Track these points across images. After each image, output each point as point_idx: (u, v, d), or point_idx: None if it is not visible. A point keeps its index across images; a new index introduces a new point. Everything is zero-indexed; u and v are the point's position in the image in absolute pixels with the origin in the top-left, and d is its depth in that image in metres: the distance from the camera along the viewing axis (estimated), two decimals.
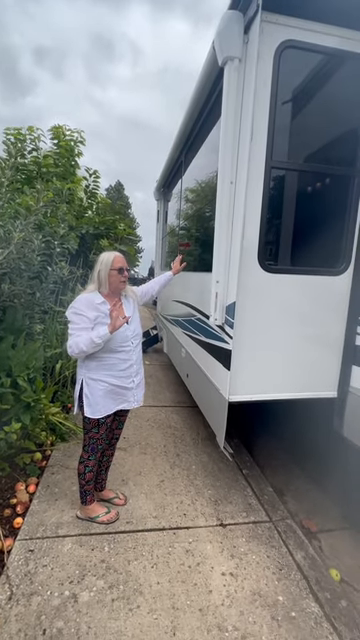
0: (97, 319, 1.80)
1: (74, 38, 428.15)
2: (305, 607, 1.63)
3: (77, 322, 1.78)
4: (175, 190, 4.68)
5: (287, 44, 1.87)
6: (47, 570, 1.70)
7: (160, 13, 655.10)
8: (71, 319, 1.80)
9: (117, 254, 1.91)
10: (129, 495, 2.30)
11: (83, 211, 5.20)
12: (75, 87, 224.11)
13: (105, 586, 1.65)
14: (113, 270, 1.86)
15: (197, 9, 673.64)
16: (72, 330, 1.79)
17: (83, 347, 1.72)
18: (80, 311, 1.79)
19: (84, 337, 1.73)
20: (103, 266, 1.87)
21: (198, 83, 2.52)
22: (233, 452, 2.69)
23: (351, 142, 2.06)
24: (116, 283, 1.88)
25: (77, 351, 1.74)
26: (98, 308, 1.82)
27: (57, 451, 2.75)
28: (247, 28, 1.86)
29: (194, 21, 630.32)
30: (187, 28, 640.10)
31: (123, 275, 1.88)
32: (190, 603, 1.60)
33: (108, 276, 1.86)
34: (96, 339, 1.71)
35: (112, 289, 1.91)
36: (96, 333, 1.72)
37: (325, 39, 1.91)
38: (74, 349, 1.74)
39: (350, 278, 2.15)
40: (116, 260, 1.87)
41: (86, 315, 1.77)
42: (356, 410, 2.11)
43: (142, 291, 2.27)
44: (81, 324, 1.77)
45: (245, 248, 1.98)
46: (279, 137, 1.97)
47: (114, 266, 1.86)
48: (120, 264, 1.87)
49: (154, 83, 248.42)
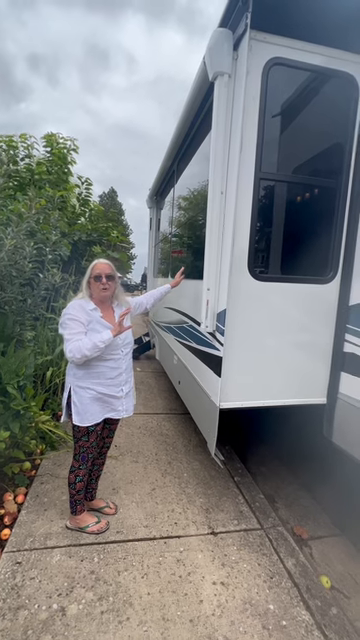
0: (90, 324, 1.80)
1: (69, 46, 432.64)
2: (296, 615, 1.62)
3: (73, 327, 1.76)
4: (167, 198, 4.74)
5: (275, 61, 1.93)
6: (35, 583, 1.67)
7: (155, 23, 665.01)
8: (66, 325, 1.78)
9: (100, 261, 1.89)
10: (120, 504, 2.27)
11: (76, 218, 5.21)
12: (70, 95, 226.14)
13: (94, 598, 1.62)
14: (92, 278, 1.85)
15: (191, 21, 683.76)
16: (69, 335, 1.75)
17: (86, 352, 1.69)
18: (74, 316, 1.78)
19: (86, 341, 1.70)
20: (86, 274, 1.87)
21: (189, 96, 2.58)
22: (225, 459, 2.69)
23: (336, 155, 2.13)
24: (97, 291, 1.86)
25: (79, 356, 1.70)
26: (90, 314, 1.82)
27: (47, 460, 2.70)
28: (236, 45, 1.92)
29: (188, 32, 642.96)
30: (181, 39, 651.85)
31: (101, 282, 1.83)
32: (181, 614, 1.58)
33: (88, 284, 1.86)
34: (100, 343, 1.70)
35: (96, 297, 1.89)
36: (100, 337, 1.71)
37: (311, 57, 1.99)
38: (75, 354, 1.70)
39: (338, 286, 2.20)
40: (95, 267, 1.86)
41: (80, 319, 1.77)
42: (345, 416, 2.14)
43: (136, 302, 2.25)
44: (77, 328, 1.76)
45: (235, 257, 2.01)
46: (268, 149, 2.03)
47: (93, 274, 1.85)
48: (98, 271, 1.84)
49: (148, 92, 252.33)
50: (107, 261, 1.91)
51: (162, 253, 5.27)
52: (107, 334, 1.73)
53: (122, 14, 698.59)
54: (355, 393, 2.06)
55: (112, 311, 1.98)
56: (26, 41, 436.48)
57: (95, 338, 1.71)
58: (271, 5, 1.79)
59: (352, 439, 2.08)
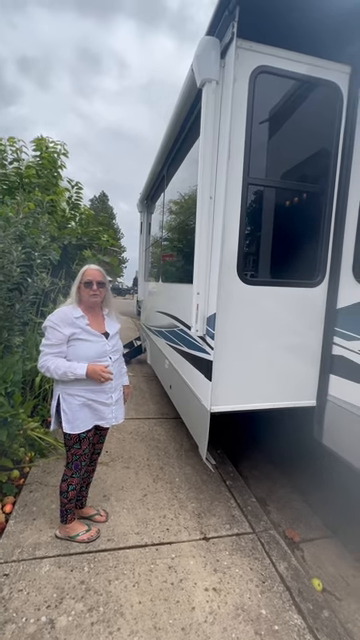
0: (72, 335, 1.78)
1: (60, 50, 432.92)
2: (288, 620, 1.62)
3: (50, 338, 1.76)
4: (158, 203, 4.76)
5: (261, 69, 1.97)
6: (23, 595, 1.62)
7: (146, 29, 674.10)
8: (47, 332, 1.78)
9: (91, 267, 1.88)
10: (111, 511, 2.24)
11: (66, 222, 5.18)
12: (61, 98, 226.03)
13: (84, 609, 1.59)
14: (82, 284, 1.84)
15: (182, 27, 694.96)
16: (43, 347, 1.78)
17: (55, 376, 1.75)
18: (56, 326, 1.76)
19: (59, 365, 1.73)
20: (77, 280, 1.86)
21: (178, 102, 2.60)
22: (216, 463, 2.68)
23: (323, 161, 2.18)
24: (86, 297, 1.85)
25: (48, 374, 1.77)
26: (75, 322, 1.80)
27: (36, 467, 2.65)
28: (223, 53, 1.95)
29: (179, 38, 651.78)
30: (173, 44, 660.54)
31: (92, 289, 1.83)
32: (172, 622, 1.56)
33: (78, 290, 1.85)
34: (70, 374, 1.73)
35: (85, 303, 1.87)
36: (72, 370, 1.73)
37: (296, 66, 2.03)
38: (44, 371, 1.77)
39: (326, 290, 2.23)
40: (86, 273, 1.85)
41: (61, 331, 1.76)
42: (334, 418, 2.16)
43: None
44: (54, 341, 1.76)
45: (224, 261, 2.03)
46: (256, 155, 2.06)
47: (83, 279, 1.84)
48: (89, 277, 1.83)
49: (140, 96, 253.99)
50: (98, 267, 1.90)
51: (153, 257, 5.28)
52: (81, 369, 1.73)
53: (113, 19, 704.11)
54: (344, 395, 2.09)
55: (102, 318, 1.97)
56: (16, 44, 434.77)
57: (69, 367, 1.73)
58: (257, 15, 1.82)
59: (341, 441, 2.10)
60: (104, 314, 1.99)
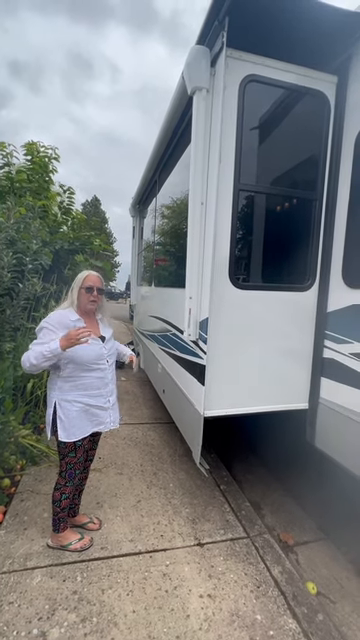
0: None
1: (52, 55, 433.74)
2: (283, 624, 1.61)
3: (42, 338, 1.73)
4: (150, 207, 4.77)
5: (250, 78, 2.01)
6: (13, 608, 1.59)
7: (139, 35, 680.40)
8: (40, 334, 1.75)
9: (91, 273, 1.91)
10: (104, 519, 2.21)
11: (57, 226, 5.16)
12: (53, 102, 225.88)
13: (77, 620, 1.56)
14: (82, 289, 1.85)
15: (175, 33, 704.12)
16: (32, 344, 1.73)
17: (32, 360, 1.64)
18: (53, 328, 1.75)
19: (36, 350, 1.65)
20: (75, 284, 1.87)
21: (170, 108, 2.63)
22: (210, 467, 2.68)
23: (312, 168, 2.22)
24: (85, 302, 1.86)
25: (27, 365, 1.67)
26: (72, 326, 1.79)
27: (27, 476, 2.61)
28: (213, 62, 1.98)
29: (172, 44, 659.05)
30: (165, 50, 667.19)
31: (92, 295, 1.86)
32: (167, 631, 1.54)
33: (78, 294, 1.86)
34: (46, 352, 1.62)
35: (82, 308, 1.88)
36: (47, 346, 1.64)
37: (285, 75, 2.07)
38: (25, 363, 1.67)
39: (316, 293, 2.26)
40: (88, 279, 1.87)
41: (55, 333, 1.73)
42: (326, 420, 2.18)
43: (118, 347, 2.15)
44: (44, 340, 1.71)
45: (216, 266, 2.04)
46: (246, 162, 2.09)
47: (84, 284, 1.86)
48: (90, 283, 1.86)
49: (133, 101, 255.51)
50: (98, 274, 1.93)
51: (145, 261, 5.28)
52: (55, 344, 1.64)
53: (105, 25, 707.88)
54: (335, 398, 2.11)
55: (96, 323, 1.98)
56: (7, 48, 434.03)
57: (42, 348, 1.64)
58: (247, 25, 1.86)
59: (333, 443, 2.12)
60: (97, 319, 2.00)
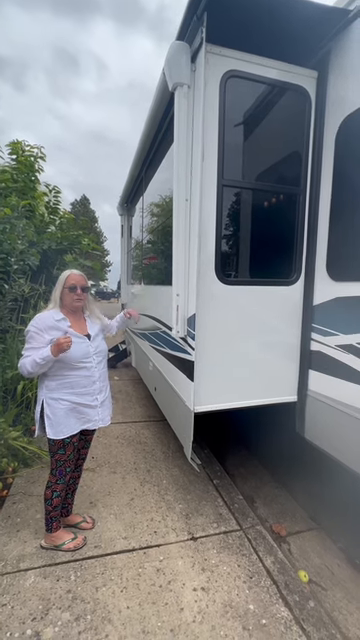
0: (54, 340, 1.76)
1: (36, 50, 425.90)
2: (275, 613, 1.64)
3: (31, 342, 1.77)
4: (137, 205, 4.75)
5: (231, 74, 2.01)
6: (7, 609, 1.59)
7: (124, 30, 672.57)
8: (28, 337, 1.78)
9: (73, 272, 1.91)
10: (97, 517, 2.22)
11: (45, 226, 5.10)
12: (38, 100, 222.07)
13: (71, 618, 1.56)
14: (65, 288, 1.85)
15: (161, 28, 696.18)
16: (24, 350, 1.78)
17: (29, 368, 1.71)
18: (37, 331, 1.76)
19: (30, 358, 1.71)
20: (58, 284, 1.87)
21: (152, 105, 2.62)
22: (203, 462, 2.70)
23: (294, 163, 2.23)
24: (69, 301, 1.87)
25: (25, 372, 1.74)
26: (57, 326, 1.80)
27: (19, 478, 2.59)
28: (194, 58, 1.98)
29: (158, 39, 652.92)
30: (152, 45, 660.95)
31: (76, 293, 1.85)
32: (161, 624, 1.56)
33: (61, 294, 1.86)
34: (39, 360, 1.68)
35: (67, 307, 1.89)
36: (39, 354, 1.70)
37: (266, 71, 2.08)
38: (22, 370, 1.74)
39: (302, 287, 2.29)
40: (70, 278, 1.87)
41: (42, 336, 1.75)
42: (314, 412, 2.22)
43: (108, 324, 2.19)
44: (34, 344, 1.75)
45: (202, 262, 2.05)
46: (229, 157, 2.09)
47: (67, 284, 1.85)
48: (73, 282, 1.86)
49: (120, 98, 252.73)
50: (80, 272, 1.93)
51: (134, 260, 5.26)
52: (46, 351, 1.69)
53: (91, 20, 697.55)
54: (323, 390, 2.15)
55: (84, 320, 1.98)
56: None
57: (36, 356, 1.70)
58: (225, 21, 1.86)
59: (322, 434, 2.16)
60: (85, 316, 2.00)
